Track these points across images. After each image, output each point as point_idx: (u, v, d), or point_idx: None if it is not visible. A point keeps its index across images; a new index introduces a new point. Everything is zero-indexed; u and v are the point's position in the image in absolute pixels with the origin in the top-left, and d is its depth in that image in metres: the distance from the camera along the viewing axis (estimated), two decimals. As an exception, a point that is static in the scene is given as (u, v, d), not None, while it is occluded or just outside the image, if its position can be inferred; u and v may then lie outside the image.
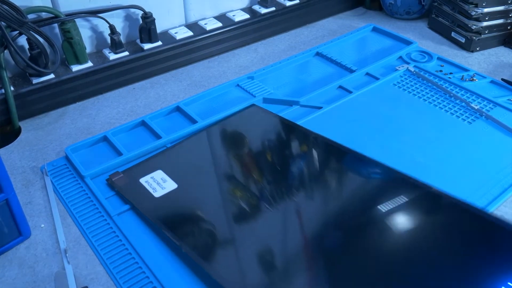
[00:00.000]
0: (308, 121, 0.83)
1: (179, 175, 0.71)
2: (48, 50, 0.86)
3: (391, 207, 0.63)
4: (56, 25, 0.88)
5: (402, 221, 0.62)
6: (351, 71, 0.98)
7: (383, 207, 0.63)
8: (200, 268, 0.57)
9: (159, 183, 0.69)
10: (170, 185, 0.69)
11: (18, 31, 0.80)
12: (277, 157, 0.75)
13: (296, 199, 0.66)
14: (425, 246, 0.58)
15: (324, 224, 0.63)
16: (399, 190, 0.66)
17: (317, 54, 1.05)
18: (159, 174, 0.71)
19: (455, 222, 0.61)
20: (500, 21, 1.05)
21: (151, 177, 0.70)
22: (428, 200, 0.65)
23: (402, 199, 0.64)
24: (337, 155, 0.73)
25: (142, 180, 0.70)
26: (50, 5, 0.86)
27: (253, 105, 0.86)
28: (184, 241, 0.60)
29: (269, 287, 0.55)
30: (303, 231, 0.61)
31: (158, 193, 0.68)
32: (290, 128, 0.79)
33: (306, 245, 0.60)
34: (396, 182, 0.68)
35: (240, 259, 0.59)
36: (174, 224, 0.63)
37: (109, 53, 0.94)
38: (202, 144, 0.78)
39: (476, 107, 0.85)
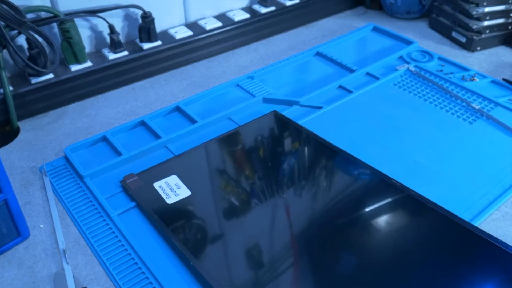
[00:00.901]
0: (308, 121, 0.83)
1: (193, 181, 0.70)
2: (47, 49, 0.85)
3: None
4: (55, 24, 0.88)
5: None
6: (351, 71, 0.98)
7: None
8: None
9: (172, 189, 0.68)
10: (184, 192, 0.68)
11: (17, 31, 0.80)
12: (298, 167, 0.74)
13: (316, 210, 0.66)
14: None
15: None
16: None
17: (317, 54, 1.05)
18: (173, 180, 0.70)
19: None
20: (501, 20, 1.05)
21: (165, 182, 0.69)
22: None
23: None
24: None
25: (156, 185, 0.69)
26: (49, 5, 0.86)
27: (274, 111, 0.85)
28: (194, 253, 0.59)
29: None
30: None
31: (171, 199, 0.67)
32: (310, 137, 0.78)
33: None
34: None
35: (257, 277, 0.57)
36: (184, 234, 0.62)
37: (108, 52, 0.93)
38: (218, 150, 0.77)
39: (476, 107, 0.85)
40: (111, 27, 0.92)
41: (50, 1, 0.86)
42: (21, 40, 0.85)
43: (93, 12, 0.90)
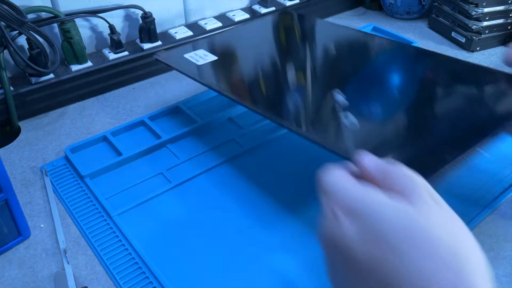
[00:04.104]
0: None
1: (221, 53, 0.83)
2: (47, 50, 0.86)
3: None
4: (55, 25, 0.88)
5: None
6: (351, 71, 0.98)
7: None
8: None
9: (201, 57, 0.81)
10: (211, 57, 0.81)
11: (17, 31, 0.80)
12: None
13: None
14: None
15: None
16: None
17: (317, 54, 1.05)
18: (201, 52, 0.83)
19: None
20: (501, 21, 1.05)
21: (194, 53, 0.82)
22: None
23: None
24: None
25: (186, 55, 0.82)
26: (50, 5, 0.86)
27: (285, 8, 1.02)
28: (249, 99, 0.70)
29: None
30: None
31: (200, 62, 0.79)
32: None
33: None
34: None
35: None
36: (226, 83, 0.75)
37: (109, 53, 0.93)
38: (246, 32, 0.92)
39: (476, 107, 0.85)
40: (111, 28, 0.92)
41: (50, 1, 0.86)
42: (22, 41, 0.85)
43: (94, 12, 0.90)
